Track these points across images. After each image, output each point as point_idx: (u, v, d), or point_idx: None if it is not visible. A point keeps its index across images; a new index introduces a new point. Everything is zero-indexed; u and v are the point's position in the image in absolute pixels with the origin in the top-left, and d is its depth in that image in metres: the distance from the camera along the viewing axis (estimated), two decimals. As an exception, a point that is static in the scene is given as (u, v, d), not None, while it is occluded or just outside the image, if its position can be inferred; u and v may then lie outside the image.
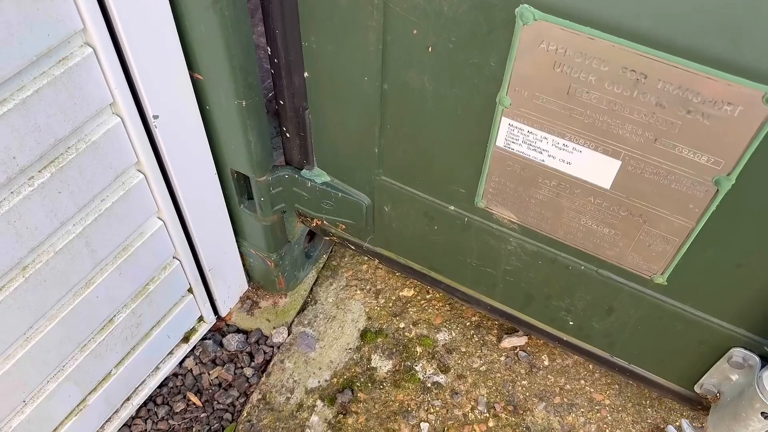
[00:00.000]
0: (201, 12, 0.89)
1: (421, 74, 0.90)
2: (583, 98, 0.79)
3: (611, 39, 0.72)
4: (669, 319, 1.00)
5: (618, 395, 1.36)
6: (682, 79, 0.71)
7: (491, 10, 0.77)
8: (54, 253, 0.94)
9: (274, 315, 1.49)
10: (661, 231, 0.88)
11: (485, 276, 1.17)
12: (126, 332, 1.18)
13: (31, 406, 1.04)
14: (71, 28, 0.79)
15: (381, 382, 1.37)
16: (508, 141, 0.90)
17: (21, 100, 0.78)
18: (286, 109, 1.08)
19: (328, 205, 1.22)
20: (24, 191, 0.84)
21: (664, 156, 0.79)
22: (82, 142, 0.89)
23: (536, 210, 0.97)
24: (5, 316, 0.91)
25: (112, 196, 0.99)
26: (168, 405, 1.36)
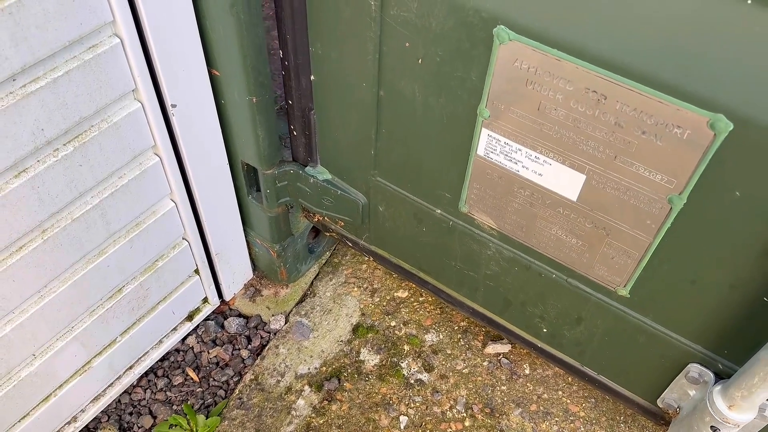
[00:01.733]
0: (219, 14, 0.99)
1: (412, 83, 0.98)
2: (551, 114, 0.86)
3: (575, 61, 0.79)
4: (632, 332, 1.06)
5: (593, 408, 1.41)
6: (637, 102, 0.78)
7: (472, 29, 0.85)
8: (71, 221, 1.04)
9: (275, 303, 1.58)
10: (623, 244, 0.94)
11: (468, 279, 1.24)
12: (133, 303, 1.28)
13: (39, 359, 1.14)
14: (102, 19, 0.90)
15: (367, 375, 1.45)
16: (487, 150, 0.98)
17: (52, 79, 0.88)
18: (294, 108, 1.18)
19: (328, 201, 1.31)
20: (48, 161, 0.95)
21: (623, 173, 0.86)
22: (104, 122, 1.00)
23: (512, 218, 1.05)
24: (23, 273, 1.01)
25: (128, 175, 1.10)
26: (167, 377, 1.46)
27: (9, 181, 0.92)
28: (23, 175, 0.93)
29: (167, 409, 1.41)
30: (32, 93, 0.87)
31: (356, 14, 0.94)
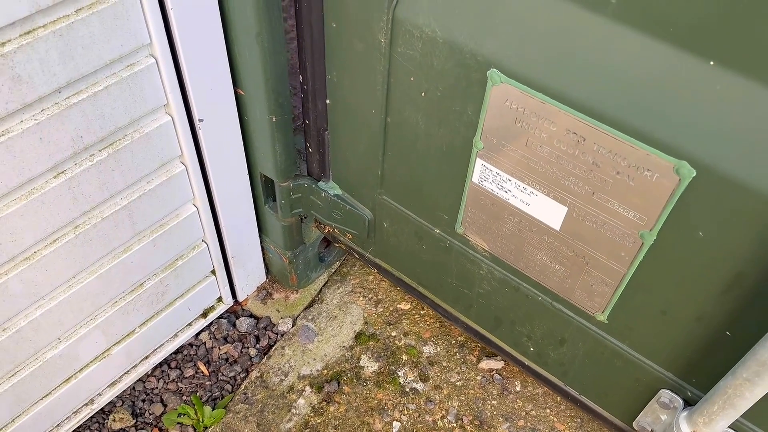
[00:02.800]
0: (246, 41, 1.09)
1: (416, 113, 1.07)
2: (537, 150, 0.95)
3: (558, 105, 0.87)
4: (610, 355, 1.13)
5: (579, 428, 1.47)
6: (612, 145, 0.86)
7: (469, 70, 0.94)
8: (101, 219, 1.15)
9: (284, 307, 1.67)
10: (600, 273, 1.02)
11: (463, 296, 1.32)
12: (152, 297, 1.38)
13: (64, 343, 1.25)
14: (140, 42, 1.01)
15: (365, 380, 1.53)
16: (481, 178, 1.06)
17: (93, 92, 0.99)
18: (310, 128, 1.27)
19: (337, 215, 1.40)
20: (85, 165, 1.06)
21: (600, 208, 0.94)
22: (137, 132, 1.11)
23: (503, 241, 1.13)
24: (55, 264, 1.12)
25: (156, 180, 1.20)
26: (180, 369, 1.56)
27: (48, 180, 1.03)
28: (61, 176, 1.04)
29: (177, 398, 1.51)
30: (75, 104, 0.98)
31: (368, 49, 1.04)
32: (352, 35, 1.05)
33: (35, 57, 0.89)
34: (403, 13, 0.96)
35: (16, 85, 0.89)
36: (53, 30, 0.89)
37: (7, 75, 0.87)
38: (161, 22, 1.01)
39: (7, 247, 1.03)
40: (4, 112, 0.90)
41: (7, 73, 0.87)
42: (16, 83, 0.89)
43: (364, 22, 1.01)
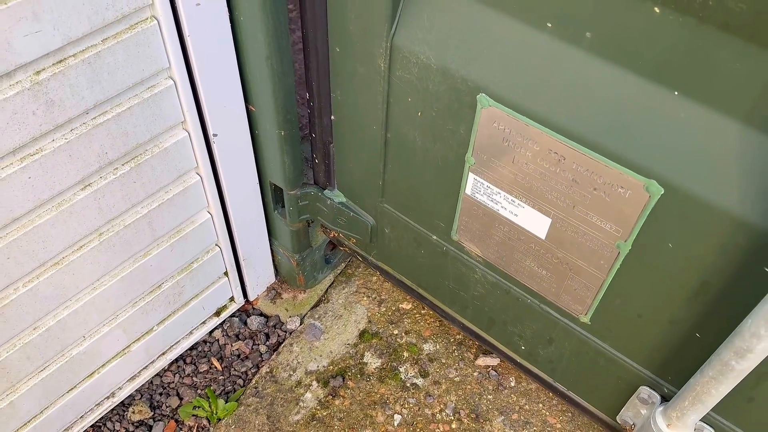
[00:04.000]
0: (257, 63, 1.18)
1: (413, 130, 1.16)
2: (523, 167, 1.03)
3: (540, 127, 0.96)
4: (594, 354, 1.21)
5: (569, 422, 1.56)
6: (589, 164, 0.95)
7: (460, 94, 1.03)
8: (123, 227, 1.24)
9: (292, 306, 1.77)
10: (582, 278, 1.10)
11: (459, 297, 1.41)
12: (169, 298, 1.48)
13: (88, 341, 1.35)
14: (160, 66, 1.10)
15: (369, 376, 1.63)
16: (473, 191, 1.15)
17: (117, 113, 1.09)
18: (316, 141, 1.36)
19: (342, 221, 1.50)
20: (109, 178, 1.15)
21: (580, 220, 1.02)
22: (156, 147, 1.20)
23: (494, 248, 1.21)
24: (81, 268, 1.22)
25: (173, 190, 1.30)
26: (194, 365, 1.66)
27: (76, 193, 1.12)
28: (88, 189, 1.13)
29: (192, 392, 1.61)
30: (101, 124, 1.07)
31: (369, 72, 1.13)
32: (354, 59, 1.13)
33: (66, 83, 0.98)
34: (401, 41, 1.05)
35: (49, 108, 0.99)
36: (82, 59, 0.98)
37: (41, 100, 0.97)
38: (179, 47, 1.10)
39: (38, 254, 1.12)
40: (38, 133, 0.99)
41: (41, 99, 0.97)
42: (49, 107, 0.98)
43: (365, 48, 1.09)
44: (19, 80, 0.93)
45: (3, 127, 0.94)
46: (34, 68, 0.94)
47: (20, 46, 0.90)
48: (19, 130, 0.97)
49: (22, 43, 0.90)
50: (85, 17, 0.95)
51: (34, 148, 1.01)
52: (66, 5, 0.91)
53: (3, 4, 0.85)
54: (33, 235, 1.09)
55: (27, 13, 0.88)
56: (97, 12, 0.96)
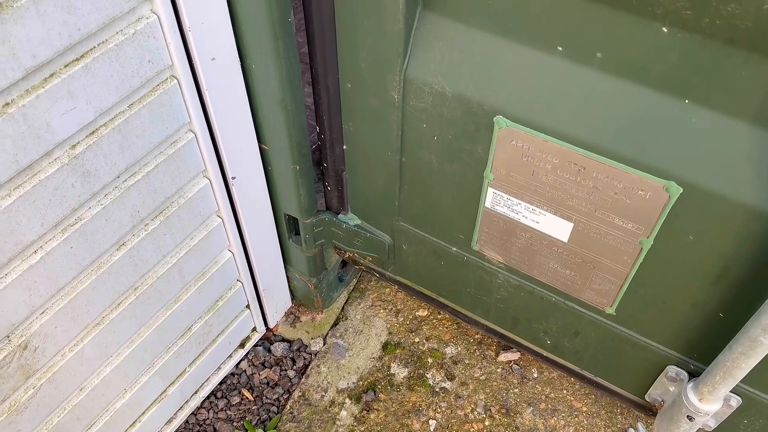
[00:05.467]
0: (271, 106, 1.22)
1: (429, 153, 1.21)
2: (543, 178, 1.10)
3: (558, 143, 1.02)
4: (620, 342, 1.29)
5: (594, 404, 1.64)
6: (608, 172, 1.01)
7: (476, 117, 1.08)
8: (156, 278, 1.27)
9: (312, 328, 1.81)
10: (606, 274, 1.18)
11: (481, 302, 1.47)
12: (199, 338, 1.51)
13: (129, 392, 1.37)
14: (182, 121, 1.13)
15: (398, 386, 1.68)
16: (493, 203, 1.21)
17: (146, 172, 1.12)
18: (328, 170, 1.41)
19: (358, 242, 1.54)
20: (141, 234, 1.18)
21: (602, 222, 1.09)
22: (182, 197, 1.23)
23: (516, 254, 1.28)
24: (120, 325, 1.24)
25: (198, 235, 1.33)
26: (226, 398, 1.69)
27: (113, 254, 1.15)
28: (123, 248, 1.16)
29: (229, 426, 1.64)
30: (132, 185, 1.10)
31: (382, 104, 1.17)
32: (366, 93, 1.18)
33: (100, 153, 1.01)
34: (414, 74, 1.10)
35: (86, 179, 1.01)
36: (113, 127, 1.01)
37: (79, 172, 0.99)
38: (198, 102, 1.13)
39: (82, 318, 1.15)
40: (77, 203, 1.02)
41: (79, 171, 0.99)
42: (86, 177, 1.01)
43: (378, 83, 1.14)
44: (57, 157, 0.96)
45: (47, 203, 0.97)
46: (70, 143, 0.96)
47: (58, 125, 0.92)
48: (60, 204, 0.99)
49: (60, 122, 0.92)
50: (114, 88, 0.97)
51: (73, 218, 1.04)
52: (97, 79, 0.94)
53: (41, 87, 0.88)
54: (76, 301, 1.12)
55: (63, 93, 0.90)
56: (123, 81, 0.98)
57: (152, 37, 0.99)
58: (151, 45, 0.99)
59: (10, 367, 1.06)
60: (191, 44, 1.04)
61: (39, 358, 1.10)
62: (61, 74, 0.89)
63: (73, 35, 0.88)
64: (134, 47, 0.97)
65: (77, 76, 0.91)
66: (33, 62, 0.84)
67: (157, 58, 1.02)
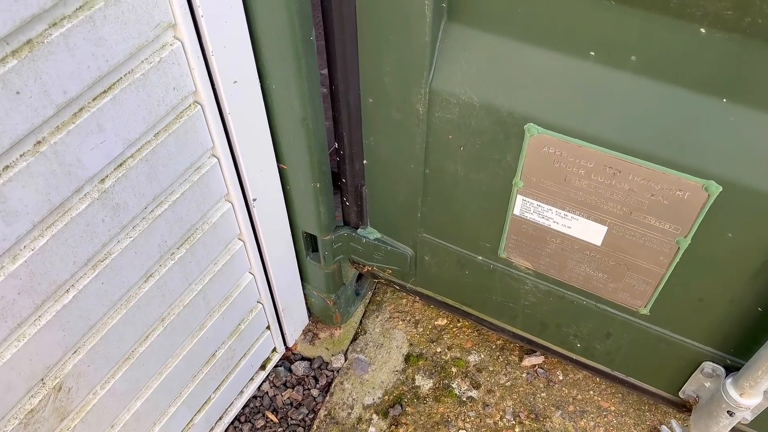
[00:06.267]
0: (291, 125, 1.20)
1: (454, 164, 1.20)
2: (576, 183, 1.09)
3: (594, 147, 1.01)
4: (654, 341, 1.29)
5: (621, 402, 1.64)
6: (645, 174, 1.01)
7: (506, 126, 1.07)
8: (183, 307, 1.24)
9: (332, 344, 1.79)
10: (641, 275, 1.17)
11: (508, 309, 1.46)
12: (224, 363, 1.48)
13: (159, 425, 1.34)
14: (205, 147, 1.10)
15: (424, 398, 1.66)
16: (522, 210, 1.20)
17: (172, 201, 1.09)
18: (347, 185, 1.39)
19: (378, 256, 1.52)
20: (168, 264, 1.15)
21: (638, 224, 1.08)
22: (206, 224, 1.20)
23: (546, 260, 1.27)
24: (149, 358, 1.21)
25: (221, 260, 1.30)
26: (251, 422, 1.66)
27: (141, 286, 1.12)
28: (150, 280, 1.13)
29: (256, 450, 1.61)
30: (159, 215, 1.07)
31: (406, 117, 1.16)
32: (389, 107, 1.16)
33: (128, 185, 0.98)
34: (440, 86, 1.08)
35: (116, 212, 0.98)
36: (140, 158, 0.98)
37: (108, 206, 0.96)
38: (221, 126, 1.10)
39: (113, 354, 1.12)
40: (107, 238, 0.99)
41: (108, 205, 0.96)
42: (116, 211, 0.98)
43: (402, 96, 1.13)
44: (87, 192, 0.93)
45: (78, 241, 0.94)
46: (99, 177, 0.94)
47: (88, 160, 0.89)
48: (91, 240, 0.96)
49: (90, 156, 0.89)
50: (141, 118, 0.95)
51: (103, 254, 1.01)
52: (125, 110, 0.92)
53: (71, 123, 0.85)
54: (108, 337, 1.09)
55: (93, 127, 0.88)
56: (150, 110, 0.96)
57: (176, 64, 0.96)
58: (176, 72, 0.97)
59: (45, 411, 1.03)
60: (214, 69, 1.02)
61: (73, 398, 1.07)
62: (90, 108, 0.87)
63: (101, 67, 0.85)
64: (159, 75, 0.95)
65: (106, 109, 0.89)
66: (63, 98, 0.82)
67: (182, 85, 0.99)
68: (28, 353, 0.94)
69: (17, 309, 0.89)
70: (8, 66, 0.74)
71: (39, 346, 0.96)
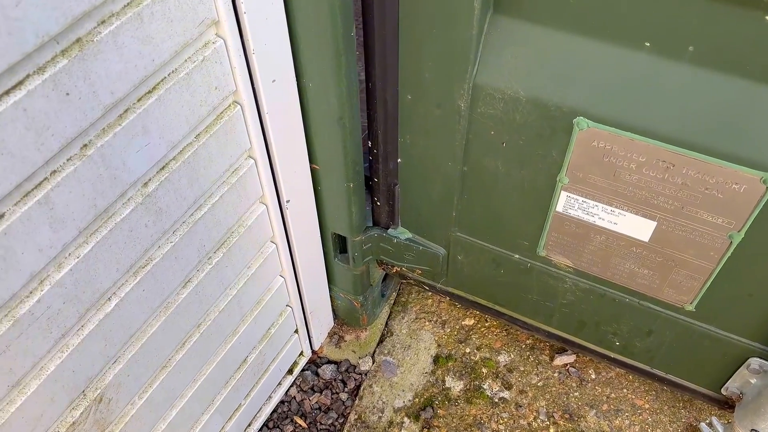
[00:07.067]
0: (327, 125, 1.17)
1: (495, 160, 1.17)
2: (625, 178, 1.06)
3: (647, 140, 0.99)
4: (698, 338, 1.26)
5: (655, 400, 1.62)
6: (700, 167, 0.98)
7: (553, 120, 1.04)
8: (218, 312, 1.21)
9: (358, 347, 1.76)
10: (689, 271, 1.15)
11: (544, 308, 1.43)
12: (254, 369, 1.45)
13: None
14: (243, 148, 1.07)
15: (455, 400, 1.64)
16: (566, 207, 1.17)
17: (212, 204, 1.06)
18: (379, 185, 1.36)
19: (409, 256, 1.49)
20: (206, 269, 1.12)
21: (689, 218, 1.06)
22: (241, 227, 1.17)
23: (588, 257, 1.24)
24: (186, 365, 1.18)
25: (255, 264, 1.27)
26: (279, 428, 1.63)
27: (179, 292, 1.09)
28: (189, 285, 1.10)
29: (286, 456, 1.58)
30: (199, 219, 1.04)
31: (446, 113, 1.13)
32: (428, 104, 1.13)
33: (171, 188, 0.95)
34: (484, 80, 1.06)
35: (159, 217, 0.95)
36: (182, 160, 0.95)
37: (152, 210, 0.93)
38: (259, 126, 1.07)
39: (152, 363, 1.08)
40: (149, 243, 0.96)
41: (152, 209, 0.93)
42: (159, 216, 0.95)
43: (443, 92, 1.10)
44: (131, 197, 0.90)
45: (122, 247, 0.90)
46: (142, 181, 0.91)
47: (133, 163, 0.86)
48: (134, 246, 0.93)
49: (135, 159, 0.86)
50: (184, 119, 0.92)
51: (145, 259, 0.98)
52: (169, 111, 0.88)
53: (117, 125, 0.82)
54: (147, 346, 1.05)
55: (138, 129, 0.85)
56: (193, 111, 0.93)
57: (219, 63, 0.93)
58: (218, 71, 0.94)
59: (86, 424, 0.99)
60: (254, 67, 0.99)
61: (112, 409, 1.04)
62: (135, 109, 0.84)
63: (148, 67, 0.82)
64: (202, 74, 0.91)
65: (151, 110, 0.85)
66: (111, 99, 0.79)
67: (223, 84, 0.96)
68: (71, 365, 0.91)
69: (62, 319, 0.86)
70: (59, 66, 0.70)
71: (81, 356, 0.92)
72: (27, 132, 0.70)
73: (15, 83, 0.67)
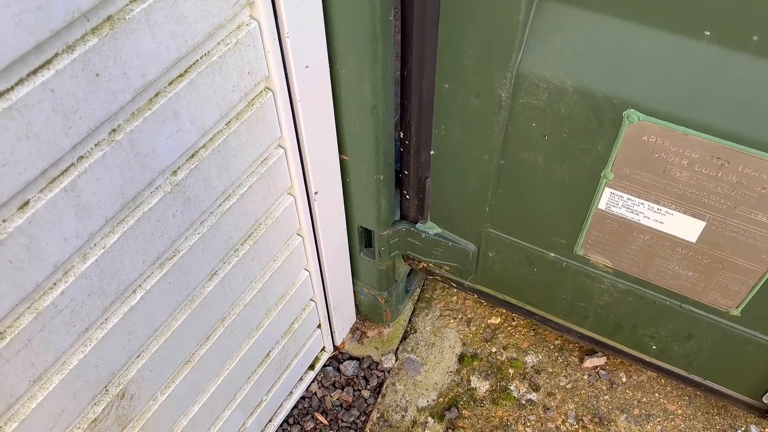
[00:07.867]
0: (360, 114, 1.12)
1: (535, 154, 1.12)
2: (675, 175, 1.01)
3: (701, 135, 0.93)
4: (741, 343, 1.21)
5: (689, 405, 1.56)
6: (758, 165, 0.92)
7: (601, 112, 0.99)
8: (243, 306, 1.17)
9: (381, 343, 1.71)
10: (737, 274, 1.09)
11: (578, 309, 1.38)
12: (277, 364, 1.41)
13: (214, 428, 1.27)
14: (274, 137, 1.03)
15: (481, 401, 1.59)
16: (609, 205, 1.12)
17: (240, 194, 1.02)
18: (409, 177, 1.31)
19: (437, 252, 1.45)
20: (233, 262, 1.08)
21: (741, 219, 1.00)
22: (269, 218, 1.13)
23: (630, 257, 1.19)
24: (209, 360, 1.14)
25: (281, 257, 1.23)
26: (299, 424, 1.59)
27: (205, 285, 1.05)
28: (215, 278, 1.06)
29: (306, 454, 1.54)
30: (227, 210, 1.00)
31: (485, 103, 1.08)
32: (467, 93, 1.08)
33: (200, 177, 0.91)
34: (528, 68, 1.00)
35: (187, 207, 0.91)
36: (213, 148, 0.91)
37: (180, 200, 0.89)
38: (290, 115, 1.03)
39: (176, 358, 1.05)
40: (176, 234, 0.92)
41: (180, 199, 0.89)
42: (187, 205, 0.91)
43: (483, 81, 1.05)
44: (159, 185, 0.86)
45: (149, 237, 0.86)
46: (171, 169, 0.86)
47: (162, 150, 0.82)
48: (162, 236, 0.89)
49: (164, 146, 0.82)
50: (215, 104, 0.87)
51: (171, 251, 0.94)
52: (200, 96, 0.84)
53: (147, 109, 0.77)
54: (171, 340, 1.01)
55: (168, 114, 0.80)
56: (224, 96, 0.88)
57: (252, 46, 0.89)
58: (251, 55, 0.89)
59: (108, 420, 0.96)
60: (288, 52, 0.94)
61: (135, 405, 1.00)
62: (166, 93, 0.79)
63: (180, 48, 0.77)
64: (235, 58, 0.87)
65: (182, 94, 0.81)
66: (141, 81, 0.74)
67: (256, 69, 0.92)
68: (94, 359, 0.87)
69: (86, 312, 0.82)
70: (89, 45, 0.66)
71: (105, 351, 0.89)
72: (54, 114, 0.65)
73: (43, 62, 0.63)
